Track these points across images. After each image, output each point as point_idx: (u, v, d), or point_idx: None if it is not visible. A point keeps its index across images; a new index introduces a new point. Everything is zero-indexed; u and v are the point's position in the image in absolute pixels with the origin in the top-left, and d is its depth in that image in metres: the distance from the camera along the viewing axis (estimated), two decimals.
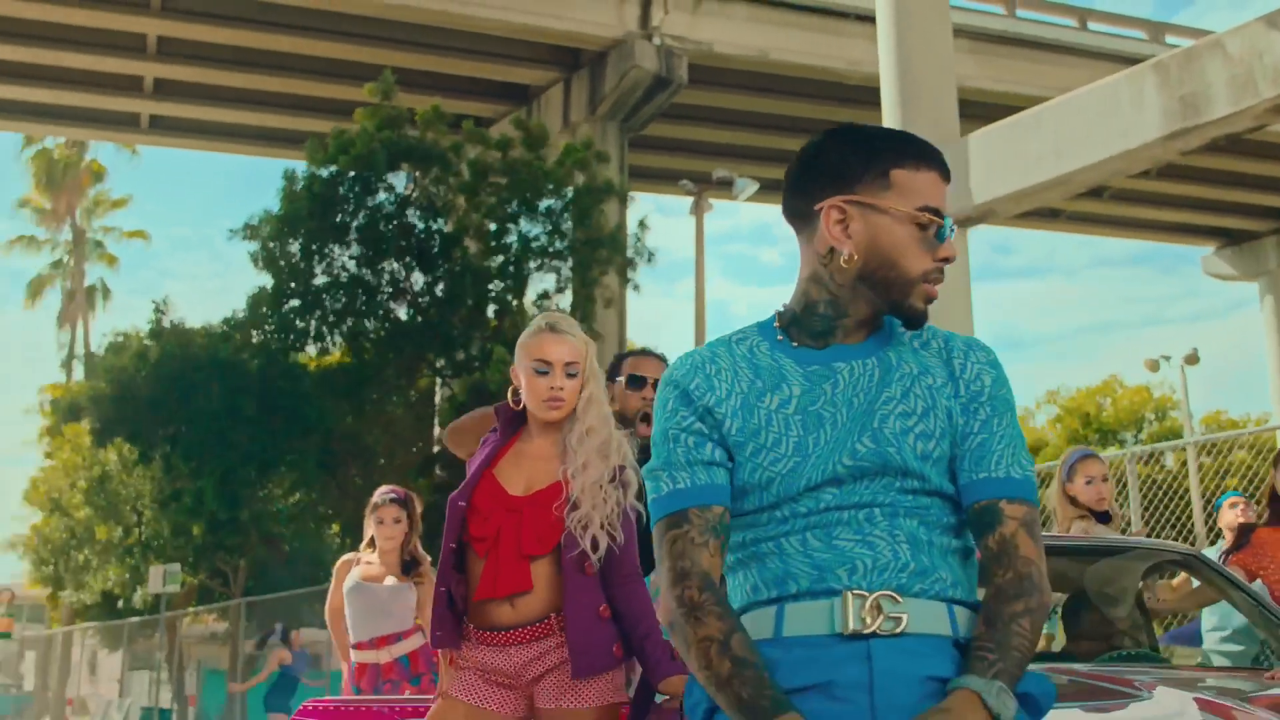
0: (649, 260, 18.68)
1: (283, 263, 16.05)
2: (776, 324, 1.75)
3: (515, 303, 17.09)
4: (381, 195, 16.53)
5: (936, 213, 1.67)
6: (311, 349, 16.98)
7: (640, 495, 2.60)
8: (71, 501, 24.37)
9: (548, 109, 23.90)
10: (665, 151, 26.56)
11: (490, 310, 17.43)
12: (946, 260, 1.68)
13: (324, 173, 16.05)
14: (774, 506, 1.64)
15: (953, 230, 1.69)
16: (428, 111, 17.16)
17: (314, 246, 16.01)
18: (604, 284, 18.11)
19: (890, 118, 17.24)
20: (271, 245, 15.81)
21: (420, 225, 16.74)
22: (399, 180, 16.77)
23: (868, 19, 20.21)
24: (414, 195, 16.77)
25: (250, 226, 15.94)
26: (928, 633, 1.58)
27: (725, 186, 21.60)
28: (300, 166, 16.50)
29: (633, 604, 2.63)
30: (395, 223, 16.51)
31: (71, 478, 24.11)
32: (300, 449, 15.74)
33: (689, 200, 21.04)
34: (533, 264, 17.28)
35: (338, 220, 16.28)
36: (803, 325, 1.71)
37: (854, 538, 1.60)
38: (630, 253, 18.68)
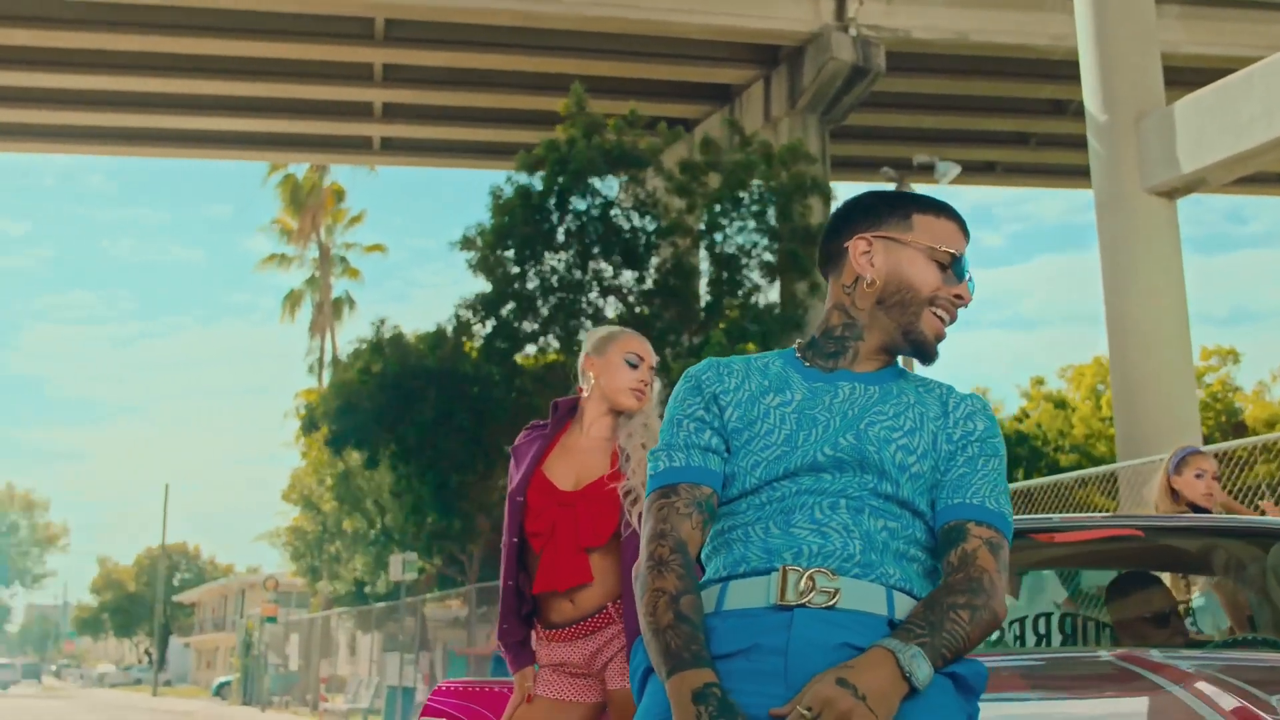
0: None
1: (499, 270, 17.18)
2: (796, 349, 1.89)
3: (724, 299, 17.67)
4: (588, 200, 17.42)
5: (954, 255, 1.81)
6: (530, 349, 18.09)
7: None
8: (321, 498, 26.52)
9: (749, 106, 24.40)
10: (867, 140, 26.65)
11: (704, 302, 18.04)
12: (960, 300, 1.82)
13: (531, 182, 17.07)
14: (755, 491, 1.73)
15: (972, 280, 1.84)
16: (620, 118, 17.93)
17: (526, 252, 17.09)
18: (811, 278, 18.43)
19: (1090, 89, 16.96)
20: (486, 254, 16.96)
21: (626, 226, 17.56)
22: (604, 185, 17.61)
23: None
24: (620, 198, 17.59)
25: (466, 238, 17.16)
26: (860, 609, 1.63)
27: (927, 171, 21.64)
28: (510, 176, 17.54)
29: None
30: (603, 225, 17.38)
31: (320, 475, 26.23)
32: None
33: (913, 180, 21.18)
34: (741, 260, 17.83)
35: (547, 227, 17.29)
36: (818, 348, 1.85)
37: (809, 525, 1.68)
38: None
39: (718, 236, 17.75)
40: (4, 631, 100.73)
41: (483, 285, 17.35)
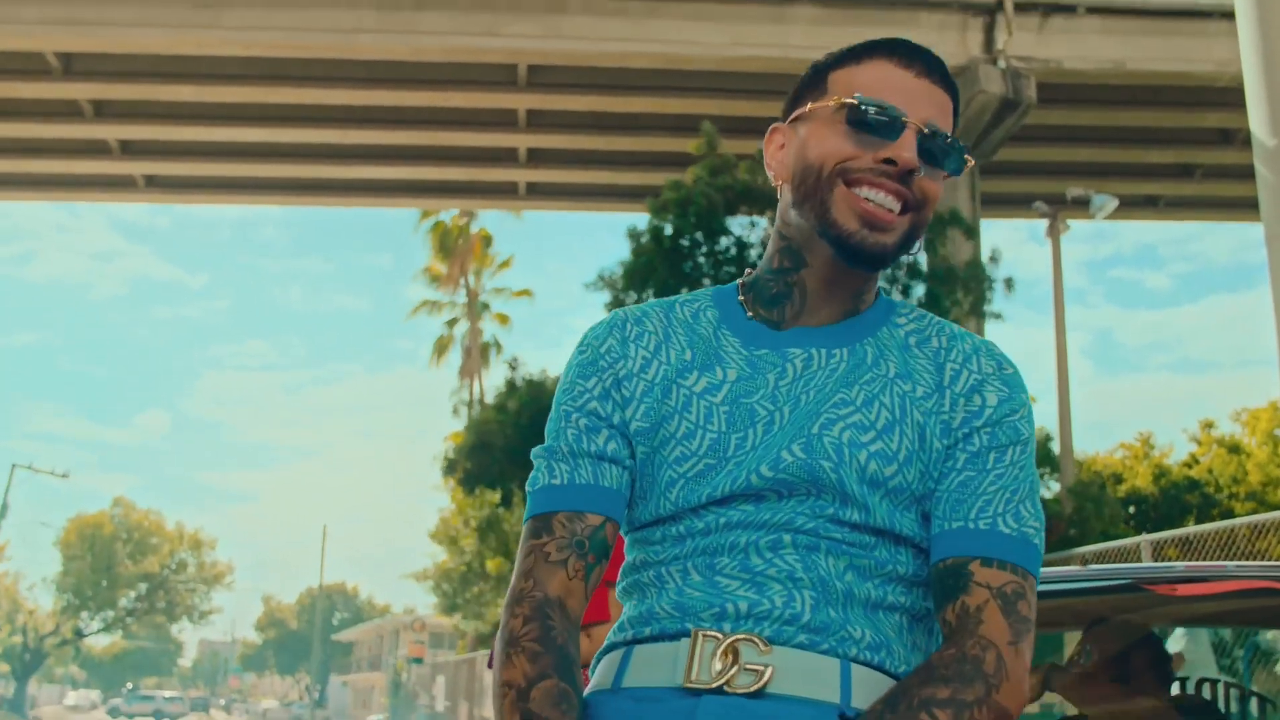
0: (1009, 288, 18.21)
1: None
2: (739, 289, 1.43)
3: None
4: (723, 240, 17.20)
5: (872, 106, 1.32)
6: None
7: None
8: (465, 538, 26.75)
9: None
10: (1019, 176, 25.83)
11: None
12: (891, 163, 1.30)
13: (664, 226, 16.94)
14: (672, 519, 1.30)
15: (935, 137, 1.35)
16: (751, 157, 17.72)
17: (663, 295, 16.92)
18: (955, 317, 17.85)
19: (1257, 116, 16.10)
20: (623, 297, 16.86)
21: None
22: (737, 224, 17.39)
23: (1232, 15, 19.02)
24: (751, 237, 17.33)
25: (603, 279, 17.09)
26: (800, 695, 1.18)
27: (1083, 206, 20.85)
28: (650, 219, 17.47)
29: None
30: (738, 265, 17.14)
31: (465, 516, 26.48)
32: None
33: (1067, 215, 20.46)
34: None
35: (688, 267, 17.11)
36: (760, 289, 1.40)
37: (741, 573, 1.24)
38: (986, 283, 18.27)
39: None
40: (176, 665, 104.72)
41: None
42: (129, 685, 79.37)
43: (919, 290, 17.40)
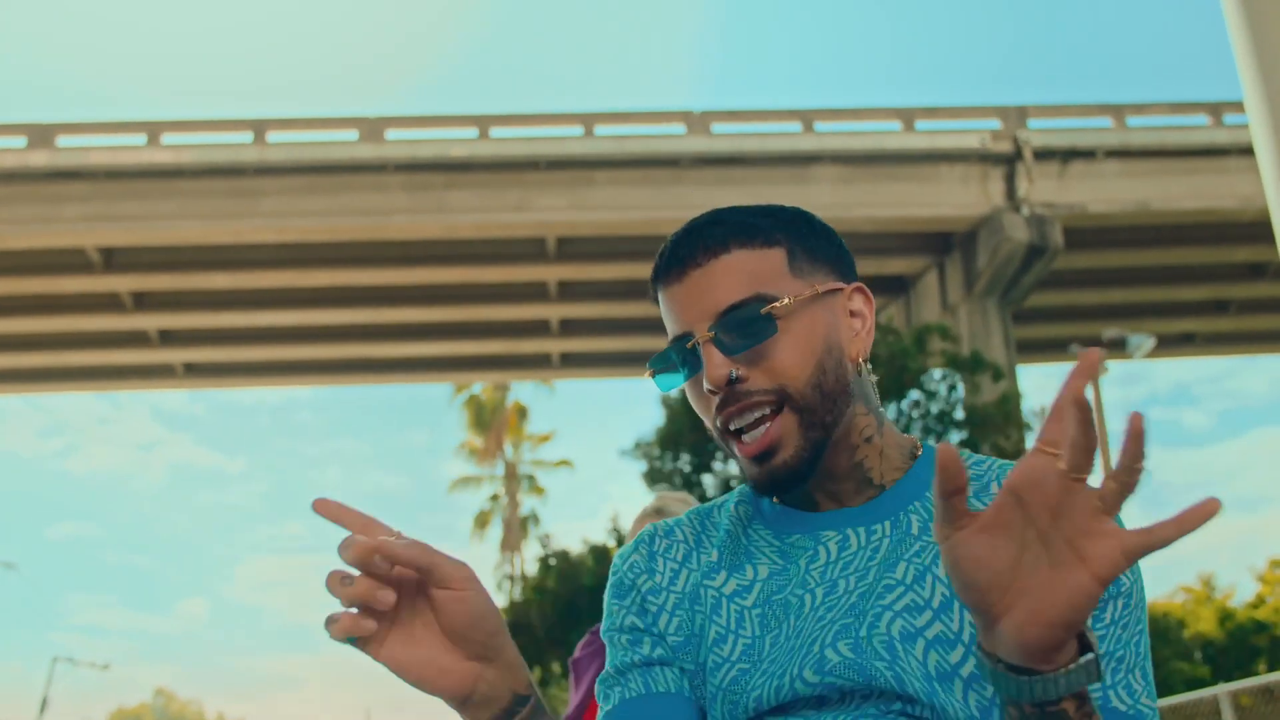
0: (1044, 415, 17.97)
1: (677, 479, 16.90)
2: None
3: None
4: None
5: (662, 357, 1.22)
6: None
7: None
8: None
9: (925, 295, 23.97)
10: (1053, 321, 25.79)
11: None
12: (715, 393, 1.17)
13: None
14: None
15: (704, 344, 1.17)
16: None
17: (698, 460, 16.79)
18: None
19: None
20: (657, 462, 16.73)
21: None
22: None
23: (1250, 151, 19.17)
24: None
25: (638, 446, 16.99)
26: None
27: (1119, 347, 20.67)
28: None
29: None
30: None
31: None
32: None
33: (1111, 349, 20.30)
34: None
35: None
36: None
37: None
38: (1029, 433, 18.02)
39: None
40: None
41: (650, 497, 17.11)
42: None
43: (955, 438, 17.17)
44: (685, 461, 16.97)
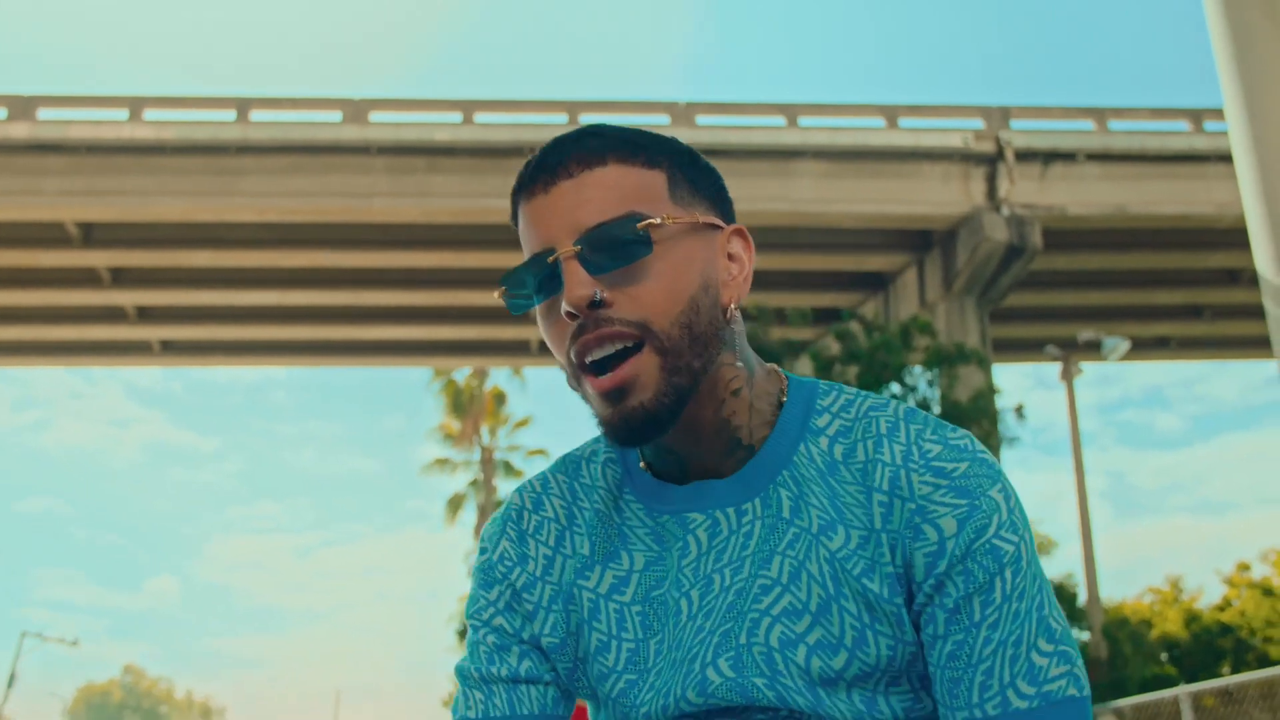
0: (1019, 415, 18.10)
1: None
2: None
3: None
4: None
5: (517, 274, 1.10)
6: None
7: None
8: None
9: (904, 292, 24.10)
10: (1030, 321, 25.97)
11: None
12: (573, 316, 1.04)
13: None
14: None
15: (568, 262, 1.05)
16: (755, 309, 17.89)
17: None
18: None
19: (1262, 256, 16.23)
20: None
21: None
22: None
23: (1229, 158, 19.32)
24: None
25: None
26: None
27: (1094, 349, 20.87)
28: None
29: None
30: None
31: None
32: None
33: (1079, 358, 20.46)
34: None
35: None
36: (647, 454, 1.18)
37: None
38: (1002, 426, 18.15)
39: None
40: None
41: None
42: None
43: None
44: None
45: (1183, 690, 7.85)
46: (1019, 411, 17.87)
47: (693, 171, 1.14)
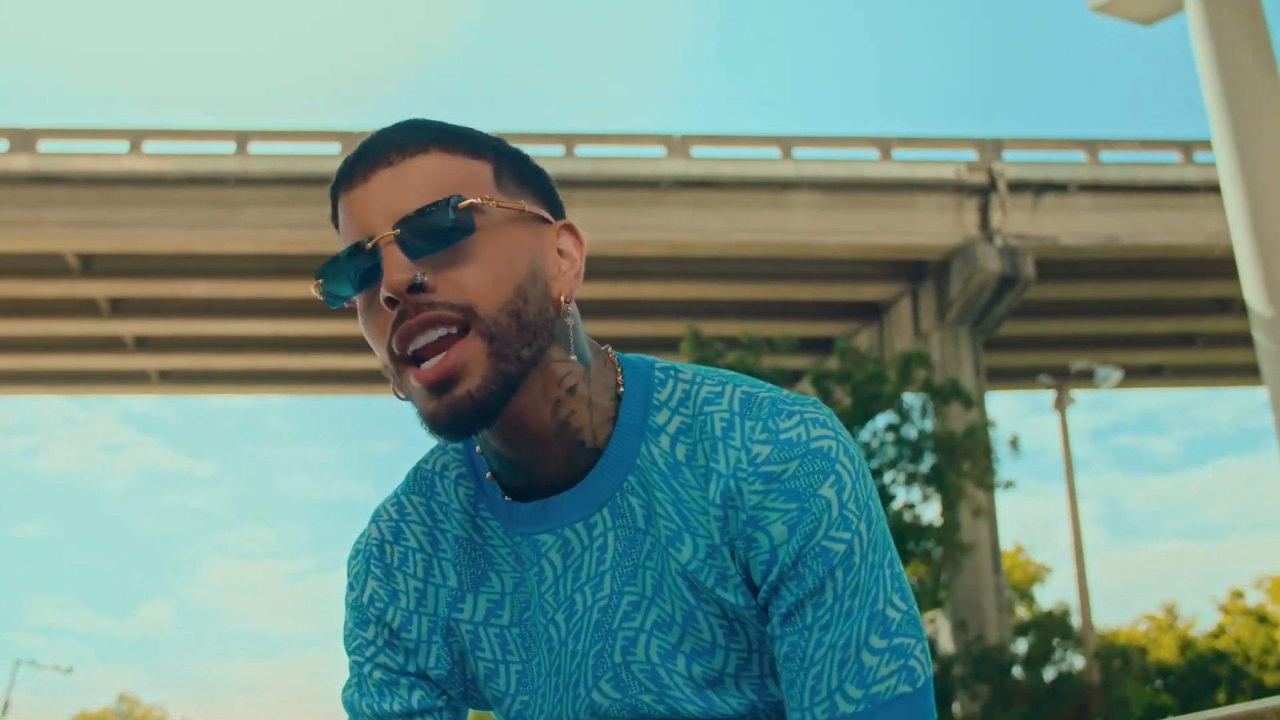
0: (1014, 447, 18.24)
1: None
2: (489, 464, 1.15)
3: None
4: None
5: (331, 263, 1.02)
6: None
7: None
8: None
9: (898, 321, 24.27)
10: (1023, 350, 26.13)
11: None
12: (392, 302, 0.98)
13: None
14: None
15: (386, 248, 0.98)
16: (740, 345, 18.10)
17: None
18: (967, 492, 17.68)
19: (1251, 285, 16.38)
20: None
21: None
22: None
23: (1219, 190, 19.57)
24: None
25: None
26: None
27: (1087, 378, 21.03)
28: None
29: None
30: None
31: None
32: None
33: (1071, 387, 20.62)
34: (885, 477, 17.34)
35: None
36: (493, 464, 1.13)
37: None
38: (996, 463, 18.21)
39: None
40: None
41: None
42: None
43: (927, 463, 17.40)
44: None
45: None
46: (1014, 444, 18.01)
47: (519, 165, 1.09)
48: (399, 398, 1.04)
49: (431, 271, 0.98)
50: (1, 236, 21.66)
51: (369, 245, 0.98)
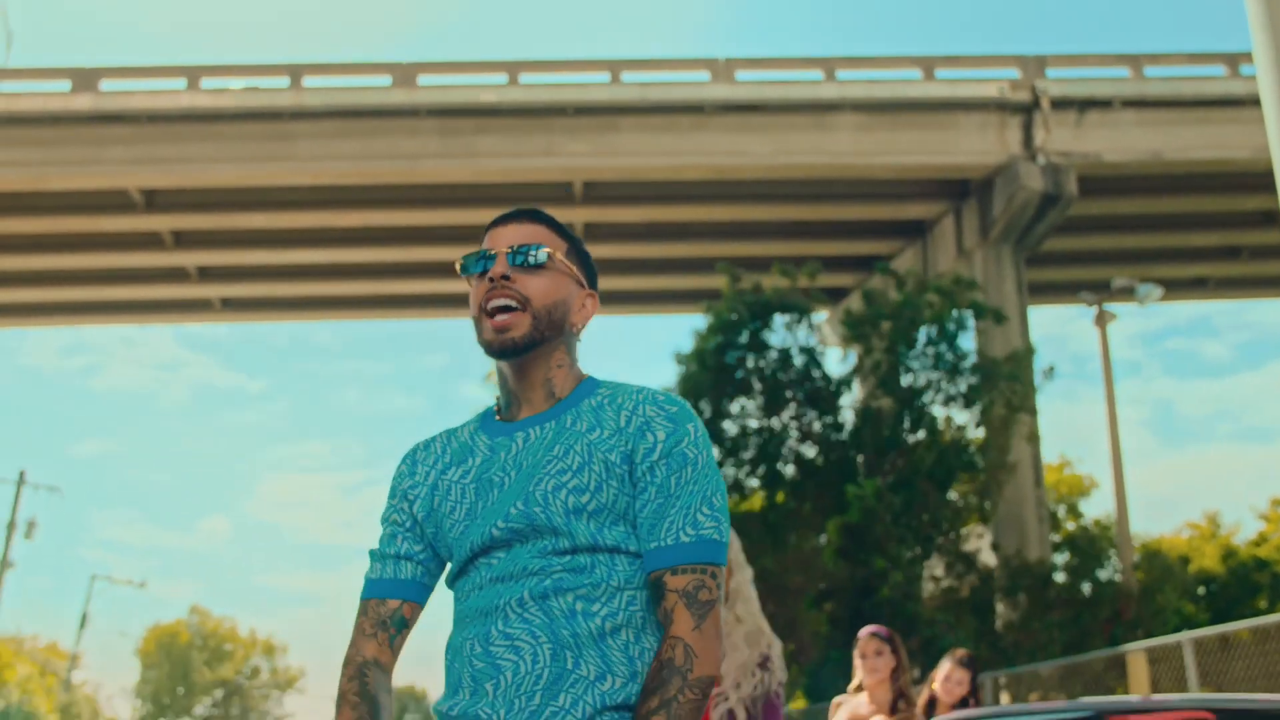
0: (1048, 376, 18.69)
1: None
2: (495, 405, 1.89)
3: (915, 438, 17.61)
4: (761, 355, 17.92)
5: (472, 253, 1.82)
6: (732, 497, 18.42)
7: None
8: None
9: (941, 240, 24.51)
10: (1066, 264, 26.31)
11: (912, 438, 17.98)
12: (492, 280, 1.78)
13: (706, 347, 17.78)
14: (461, 574, 1.75)
15: (484, 260, 1.81)
16: (782, 268, 18.53)
17: (719, 406, 17.62)
18: (1007, 413, 17.98)
19: None
20: None
21: (802, 371, 17.93)
22: (775, 336, 18.12)
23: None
24: (793, 347, 18.01)
25: None
26: None
27: (1128, 294, 21.25)
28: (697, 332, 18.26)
29: None
30: (785, 373, 17.79)
31: None
32: None
33: (1112, 302, 20.83)
34: (927, 398, 17.83)
35: (737, 377, 17.82)
36: (499, 401, 1.87)
37: (503, 641, 1.65)
38: (1032, 386, 18.57)
39: (903, 379, 17.73)
40: None
41: None
42: None
43: (964, 385, 17.84)
44: (705, 408, 17.76)
45: (1185, 636, 8.51)
46: (1049, 373, 18.43)
47: (582, 252, 1.91)
48: (477, 331, 1.82)
49: (517, 276, 1.80)
50: (68, 174, 22.41)
51: (491, 252, 1.82)
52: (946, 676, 5.10)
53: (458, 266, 1.82)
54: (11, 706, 31.49)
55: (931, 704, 4.99)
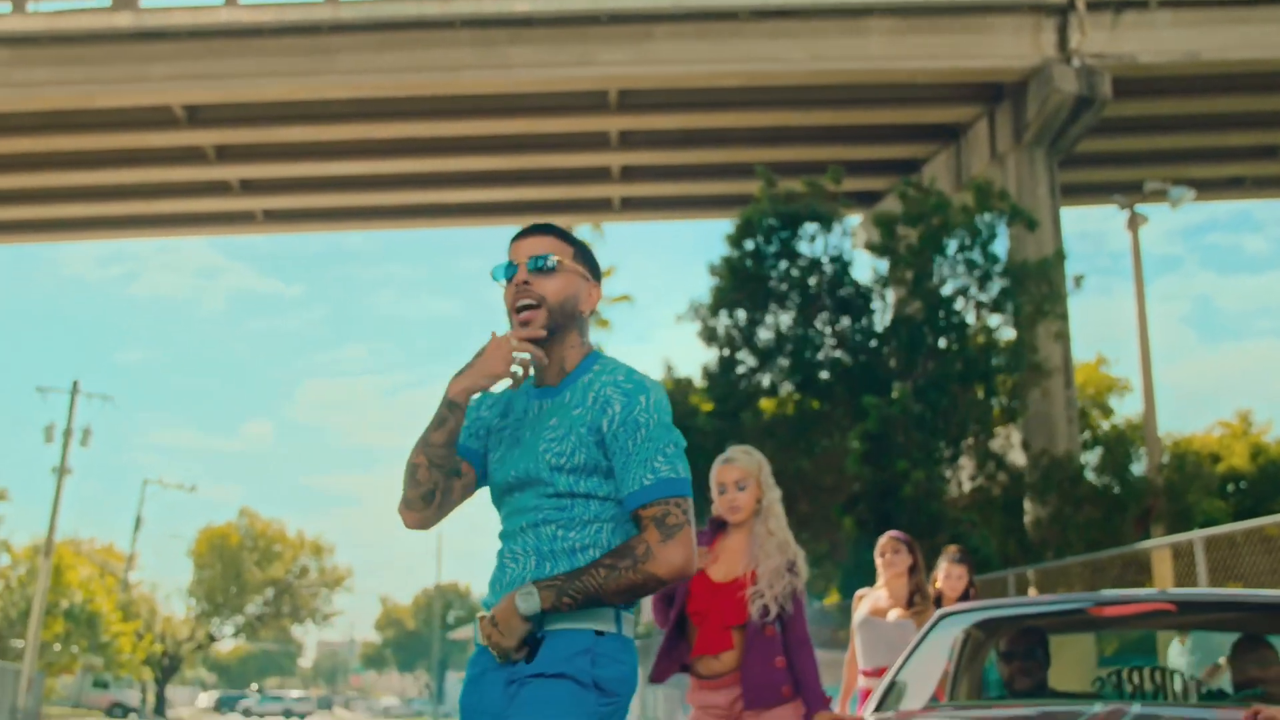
0: (1078, 285, 18.96)
1: (734, 332, 18.24)
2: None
3: (943, 343, 17.94)
4: (798, 258, 18.28)
5: (501, 264, 2.29)
6: (766, 402, 18.92)
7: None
8: None
9: (975, 143, 24.58)
10: (1100, 165, 26.31)
11: (943, 341, 18.32)
12: (518, 286, 2.24)
13: (734, 255, 18.15)
14: (498, 503, 2.29)
15: (508, 268, 2.26)
16: (810, 181, 18.75)
17: (752, 315, 18.06)
18: (1028, 314, 18.21)
19: None
20: (711, 323, 18.09)
21: (833, 278, 18.27)
22: (806, 246, 18.44)
23: None
24: (823, 255, 18.34)
25: (693, 307, 18.28)
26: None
27: (1161, 196, 21.34)
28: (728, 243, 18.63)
29: (799, 660, 3.60)
30: (816, 279, 18.15)
31: None
32: None
33: (1144, 204, 20.95)
34: (958, 304, 18.14)
35: (769, 286, 18.20)
36: (534, 372, 2.34)
37: (510, 555, 2.20)
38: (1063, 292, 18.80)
39: (931, 285, 18.01)
40: (297, 666, 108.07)
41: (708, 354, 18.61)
42: (254, 686, 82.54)
43: (996, 288, 18.12)
44: (739, 316, 18.19)
45: (1198, 534, 9.00)
46: (1079, 281, 18.70)
47: (587, 255, 2.34)
48: (510, 323, 2.30)
49: (535, 280, 2.24)
50: (112, 92, 22.82)
51: (515, 263, 2.27)
52: (947, 574, 5.61)
53: (491, 272, 2.29)
54: (75, 606, 32.80)
55: (938, 600, 5.52)
